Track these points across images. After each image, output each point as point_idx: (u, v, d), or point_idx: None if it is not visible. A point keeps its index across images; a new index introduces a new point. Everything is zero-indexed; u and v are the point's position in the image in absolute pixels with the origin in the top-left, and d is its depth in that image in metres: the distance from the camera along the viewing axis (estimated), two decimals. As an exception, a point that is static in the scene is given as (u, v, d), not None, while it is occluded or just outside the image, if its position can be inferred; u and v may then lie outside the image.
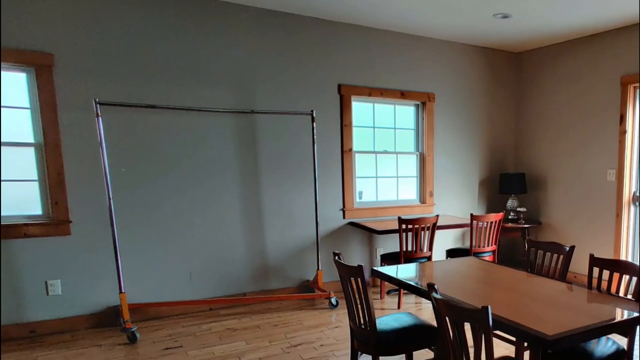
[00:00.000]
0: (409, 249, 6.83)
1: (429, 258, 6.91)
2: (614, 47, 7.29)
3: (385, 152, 7.94)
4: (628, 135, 7.18)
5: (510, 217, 8.66)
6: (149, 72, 6.02)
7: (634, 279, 3.85)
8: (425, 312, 6.53)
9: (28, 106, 5.50)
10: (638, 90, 7.13)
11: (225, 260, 6.72)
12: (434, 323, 3.76)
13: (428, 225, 6.76)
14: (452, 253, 7.80)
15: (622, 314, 3.42)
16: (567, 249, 4.50)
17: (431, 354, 4.21)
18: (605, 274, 4.08)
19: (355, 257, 7.69)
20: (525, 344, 4.36)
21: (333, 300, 6.75)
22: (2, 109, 5.34)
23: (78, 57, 5.63)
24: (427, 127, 8.12)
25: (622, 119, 7.20)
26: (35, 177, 5.60)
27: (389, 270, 4.64)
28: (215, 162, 6.51)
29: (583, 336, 3.02)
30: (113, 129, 5.86)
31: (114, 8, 5.76)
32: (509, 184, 8.59)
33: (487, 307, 2.70)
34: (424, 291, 3.89)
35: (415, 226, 6.67)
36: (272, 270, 7.06)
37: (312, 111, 6.72)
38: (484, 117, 8.79)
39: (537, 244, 4.84)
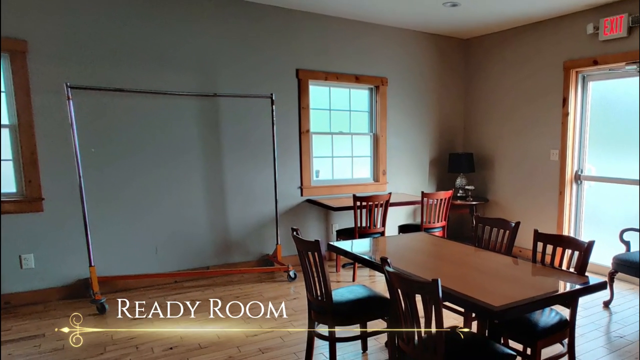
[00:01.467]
0: (363, 224, 6.79)
1: (382, 233, 6.88)
2: (557, 33, 7.28)
3: (340, 133, 7.88)
4: (570, 117, 7.20)
5: (459, 194, 8.67)
6: (117, 57, 6.00)
7: (576, 253, 3.84)
8: (379, 284, 6.53)
9: (3, 90, 5.50)
10: (579, 75, 7.15)
11: (189, 236, 6.66)
12: (387, 295, 3.73)
13: (381, 202, 6.73)
14: (404, 229, 7.76)
15: (564, 286, 3.43)
16: (513, 224, 4.47)
17: (384, 324, 4.17)
18: (549, 248, 4.07)
19: (312, 232, 7.65)
20: (473, 315, 4.33)
21: (291, 274, 6.71)
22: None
23: (50, 43, 5.61)
24: (380, 110, 8.07)
25: (565, 102, 7.22)
26: (10, 156, 5.62)
27: (345, 245, 4.63)
28: (180, 143, 6.47)
29: (528, 307, 3.02)
30: (83, 111, 5.82)
31: (83, -4, 5.72)
32: (457, 163, 8.60)
33: (437, 280, 2.69)
34: (378, 265, 3.83)
35: (369, 203, 6.64)
36: (234, 244, 6.99)
37: (271, 94, 6.68)
38: (434, 100, 8.76)
39: (485, 220, 4.80)
